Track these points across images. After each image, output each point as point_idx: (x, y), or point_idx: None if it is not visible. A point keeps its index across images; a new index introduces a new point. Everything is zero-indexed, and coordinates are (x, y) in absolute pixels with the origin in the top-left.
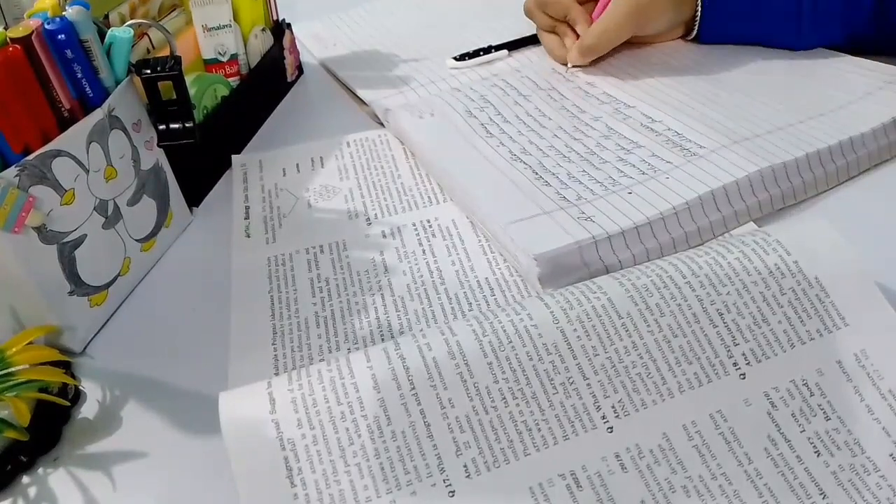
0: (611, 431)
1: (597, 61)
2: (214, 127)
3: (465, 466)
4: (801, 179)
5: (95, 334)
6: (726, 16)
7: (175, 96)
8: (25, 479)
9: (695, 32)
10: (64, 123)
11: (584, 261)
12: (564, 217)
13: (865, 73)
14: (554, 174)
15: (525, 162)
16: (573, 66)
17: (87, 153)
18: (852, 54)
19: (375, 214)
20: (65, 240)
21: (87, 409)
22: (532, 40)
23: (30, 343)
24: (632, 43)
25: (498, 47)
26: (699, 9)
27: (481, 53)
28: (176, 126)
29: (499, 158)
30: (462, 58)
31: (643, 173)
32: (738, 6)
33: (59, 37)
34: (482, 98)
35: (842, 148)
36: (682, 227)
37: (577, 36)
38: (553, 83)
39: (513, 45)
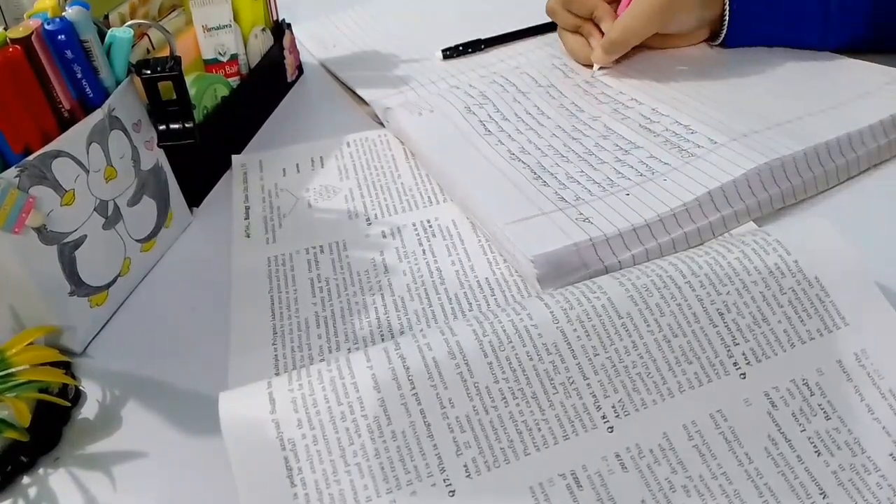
0: (611, 431)
1: (620, 65)
2: (214, 127)
3: (465, 466)
4: (800, 179)
5: (96, 335)
6: (754, 17)
7: (175, 96)
8: (26, 479)
9: (723, 35)
10: (64, 124)
11: (583, 262)
12: (562, 218)
13: (865, 74)
14: (552, 174)
15: (524, 161)
16: (599, 69)
17: (88, 153)
18: (876, 54)
19: (375, 214)
20: (65, 240)
21: (88, 410)
22: (521, 35)
23: (30, 343)
24: (652, 47)
25: (487, 42)
26: (727, 9)
27: (470, 50)
28: (176, 126)
29: (497, 157)
30: (450, 54)
31: (641, 175)
32: (767, 6)
33: (59, 37)
34: (481, 95)
35: (840, 145)
36: (682, 227)
37: (602, 35)
38: (552, 80)
39: (501, 40)
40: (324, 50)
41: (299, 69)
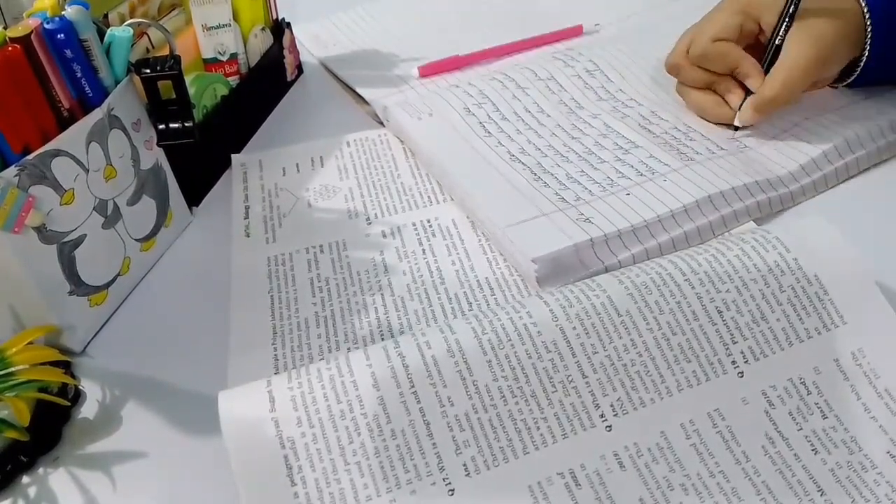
0: (609, 430)
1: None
2: (214, 126)
3: (464, 465)
4: (798, 185)
5: (95, 334)
6: (887, 60)
7: (175, 96)
8: (25, 479)
9: (857, 73)
10: (63, 123)
11: (582, 262)
12: (563, 218)
13: None
14: (552, 174)
15: (523, 162)
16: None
17: (87, 153)
18: None
19: (375, 214)
20: (64, 240)
21: (87, 409)
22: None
23: (30, 343)
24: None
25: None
26: (865, 55)
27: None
28: (175, 125)
29: (497, 159)
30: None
31: (641, 174)
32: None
33: (59, 36)
34: (480, 93)
35: (838, 150)
36: (681, 227)
37: (745, 92)
38: (551, 71)
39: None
40: (323, 49)
41: (299, 69)
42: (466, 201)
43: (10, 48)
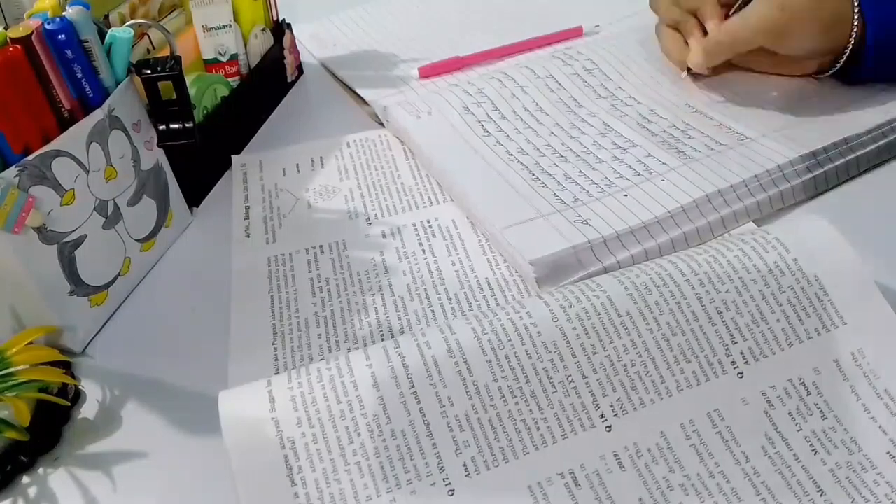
0: (609, 430)
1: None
2: (214, 127)
3: (464, 465)
4: (799, 180)
5: (95, 334)
6: (891, 51)
7: (175, 96)
8: (25, 479)
9: (838, 66)
10: (64, 123)
11: (581, 263)
12: (560, 220)
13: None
14: (551, 175)
15: (522, 162)
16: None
17: (87, 153)
18: None
19: (375, 214)
20: (65, 240)
21: (87, 409)
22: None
23: (30, 343)
24: (753, 70)
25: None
26: (851, 41)
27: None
28: (176, 126)
29: (496, 158)
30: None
31: (639, 174)
32: None
33: (60, 37)
34: (479, 92)
35: (838, 149)
36: (680, 227)
37: (705, 35)
38: (550, 70)
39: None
40: (324, 50)
41: (299, 69)
42: (465, 201)
43: (10, 49)
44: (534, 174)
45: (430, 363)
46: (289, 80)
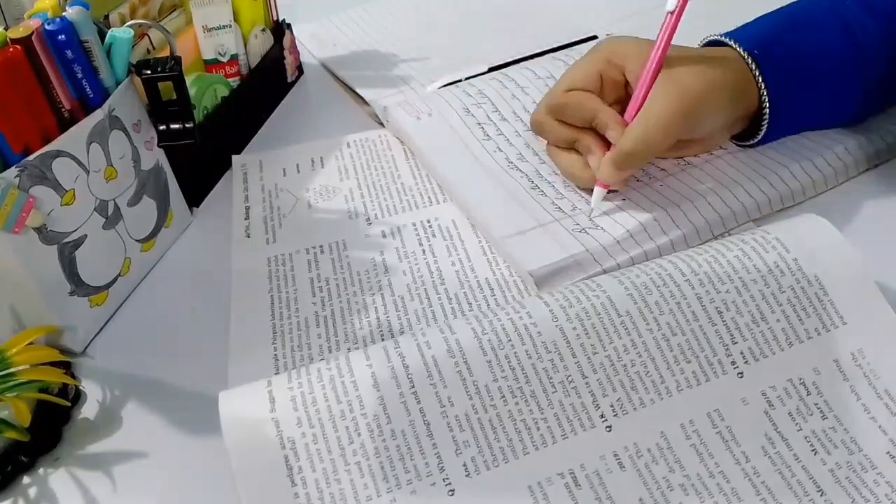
0: (609, 430)
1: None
2: (214, 127)
3: (464, 465)
4: (798, 183)
5: (96, 334)
6: (794, 107)
7: (175, 96)
8: (26, 479)
9: (762, 134)
10: (64, 124)
11: (580, 267)
12: (559, 229)
13: None
14: (550, 182)
15: (521, 170)
16: (609, 190)
17: (88, 153)
18: None
19: (375, 214)
20: (65, 240)
21: (88, 410)
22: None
23: (30, 343)
24: (662, 157)
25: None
26: (765, 103)
27: (463, 80)
28: (176, 126)
29: (495, 166)
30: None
31: (637, 180)
32: (806, 91)
33: (60, 37)
34: (480, 93)
35: (838, 155)
36: (680, 228)
37: (607, 147)
38: (551, 70)
39: (497, 69)
40: (324, 50)
41: (299, 69)
42: (464, 208)
43: (10, 49)
44: (532, 182)
45: (430, 363)
46: (289, 80)
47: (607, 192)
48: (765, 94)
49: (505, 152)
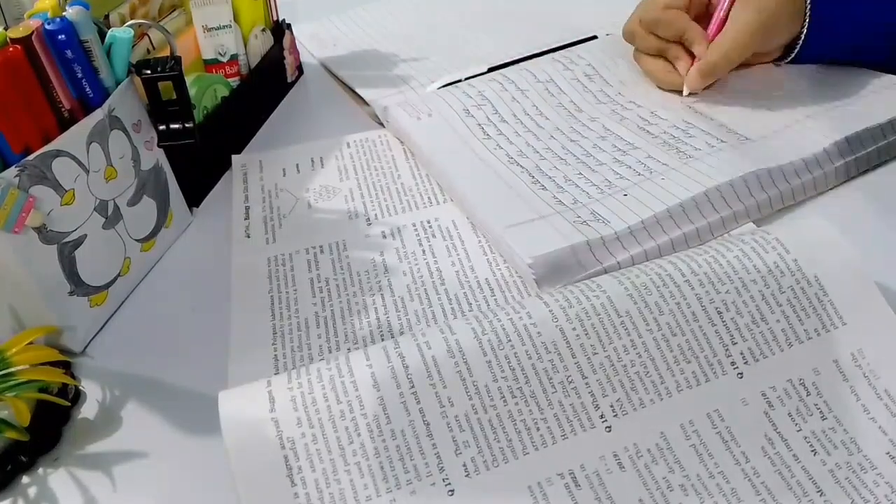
0: (609, 431)
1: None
2: (214, 127)
3: (464, 465)
4: (799, 181)
5: (95, 334)
6: (829, 36)
7: (175, 96)
8: (25, 479)
9: (795, 53)
10: (64, 124)
11: (580, 264)
12: (560, 221)
13: (866, 78)
14: (551, 178)
15: (522, 165)
16: (690, 94)
17: (88, 153)
18: None
19: (375, 215)
20: (65, 240)
21: (87, 409)
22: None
23: (30, 343)
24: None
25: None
26: (805, 28)
27: (463, 80)
28: (176, 126)
29: (496, 161)
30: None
31: (639, 174)
32: (842, 25)
33: (60, 37)
34: (480, 94)
35: (839, 149)
36: (680, 228)
37: (692, 58)
38: (551, 74)
39: (497, 69)
40: (324, 50)
41: (299, 69)
42: (465, 203)
43: (10, 49)
44: (533, 177)
45: (430, 363)
46: (289, 80)
47: (689, 95)
48: (807, 17)
49: (505, 149)
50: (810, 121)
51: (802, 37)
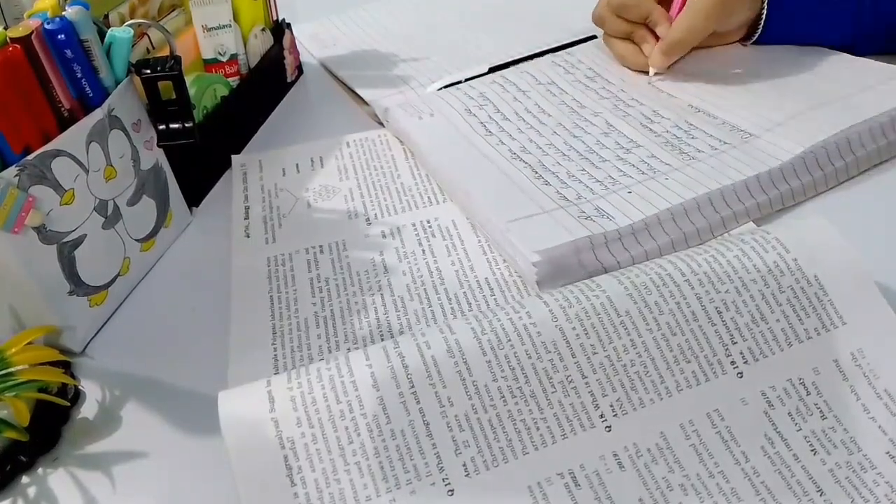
0: (609, 430)
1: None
2: (214, 127)
3: (464, 465)
4: (799, 182)
5: (95, 334)
6: (790, 16)
7: (175, 96)
8: (25, 479)
9: (759, 33)
10: (64, 123)
11: (581, 264)
12: (564, 216)
13: (866, 70)
14: (554, 173)
15: (525, 161)
16: (656, 74)
17: (87, 153)
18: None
19: (375, 214)
20: (64, 240)
21: (87, 409)
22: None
23: (29, 343)
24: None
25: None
26: (765, 8)
27: (463, 81)
28: (176, 126)
29: (498, 157)
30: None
31: (643, 173)
32: (802, 5)
33: (59, 37)
34: (481, 95)
35: (839, 148)
36: (681, 228)
37: (657, 39)
38: (552, 76)
39: (497, 69)
40: (324, 49)
41: (299, 69)
42: (467, 200)
43: (10, 48)
44: (536, 172)
45: (430, 363)
46: (289, 80)
47: (655, 75)
48: None
49: (508, 145)
50: (811, 111)
51: (764, 14)
